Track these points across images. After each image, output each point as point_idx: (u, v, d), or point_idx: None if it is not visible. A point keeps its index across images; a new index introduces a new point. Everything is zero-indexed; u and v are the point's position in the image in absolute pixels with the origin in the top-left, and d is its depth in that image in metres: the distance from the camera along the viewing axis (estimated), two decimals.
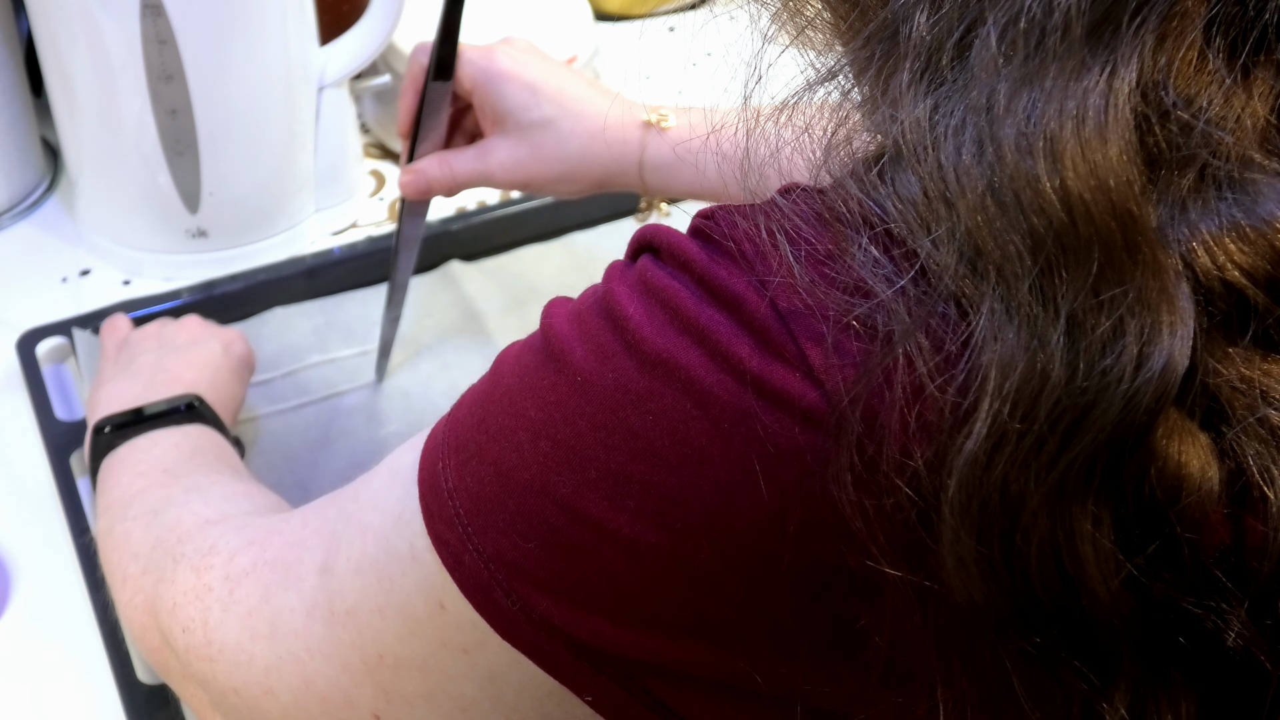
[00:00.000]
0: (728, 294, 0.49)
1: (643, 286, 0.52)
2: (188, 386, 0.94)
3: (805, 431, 0.47)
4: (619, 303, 0.52)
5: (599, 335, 0.52)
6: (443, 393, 1.06)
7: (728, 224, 0.51)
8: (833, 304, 0.47)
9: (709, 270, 0.50)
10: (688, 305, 0.50)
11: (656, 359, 0.50)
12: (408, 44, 1.23)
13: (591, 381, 0.51)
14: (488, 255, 1.16)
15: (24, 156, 1.21)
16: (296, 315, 1.11)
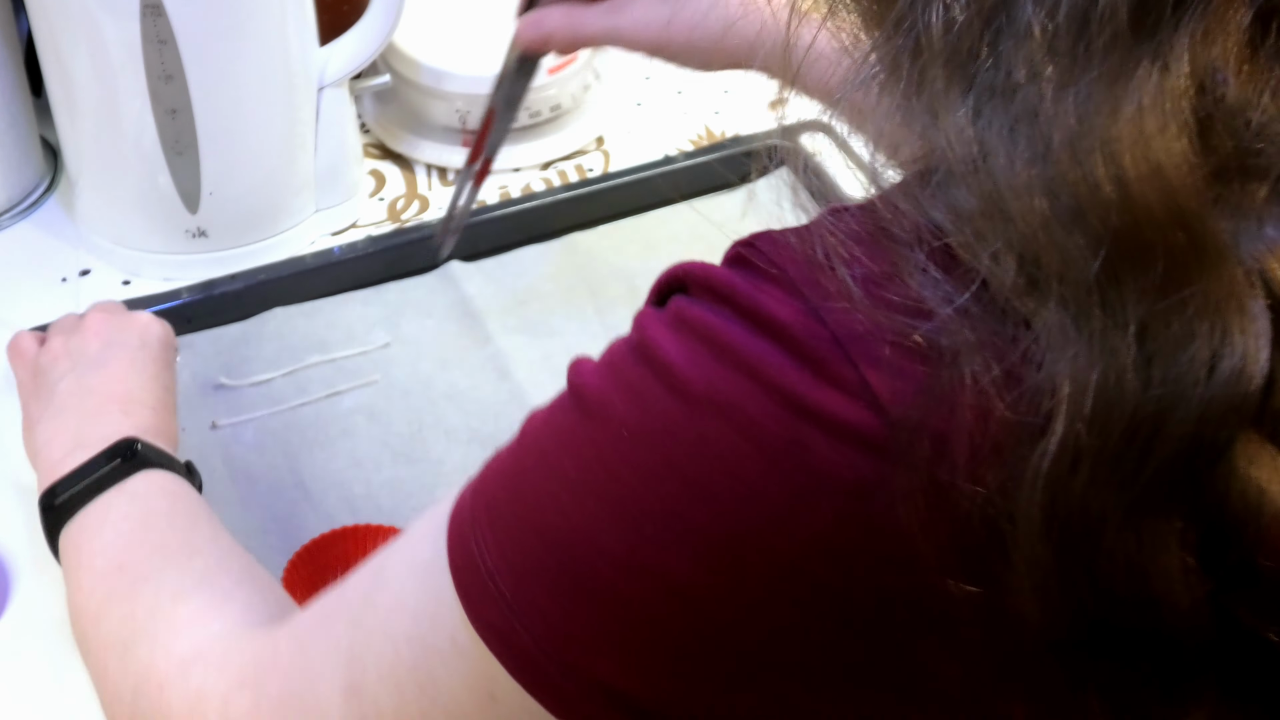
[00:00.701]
0: (776, 323, 0.48)
1: (681, 325, 0.50)
2: (119, 402, 0.88)
3: (866, 459, 0.46)
4: (656, 346, 0.50)
5: (638, 383, 0.50)
6: (443, 393, 1.06)
7: (772, 250, 0.50)
8: (892, 326, 0.46)
9: (754, 299, 0.49)
10: (733, 338, 0.48)
11: (704, 398, 0.48)
12: (408, 44, 1.23)
13: (635, 431, 0.50)
14: (488, 255, 1.16)
15: (24, 156, 1.21)
16: (296, 315, 1.11)
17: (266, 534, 0.97)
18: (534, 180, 1.24)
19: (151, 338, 0.93)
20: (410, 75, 1.23)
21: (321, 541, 0.92)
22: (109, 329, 0.94)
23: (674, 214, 1.19)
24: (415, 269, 1.15)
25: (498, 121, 0.95)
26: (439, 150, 1.24)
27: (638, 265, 1.15)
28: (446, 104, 1.23)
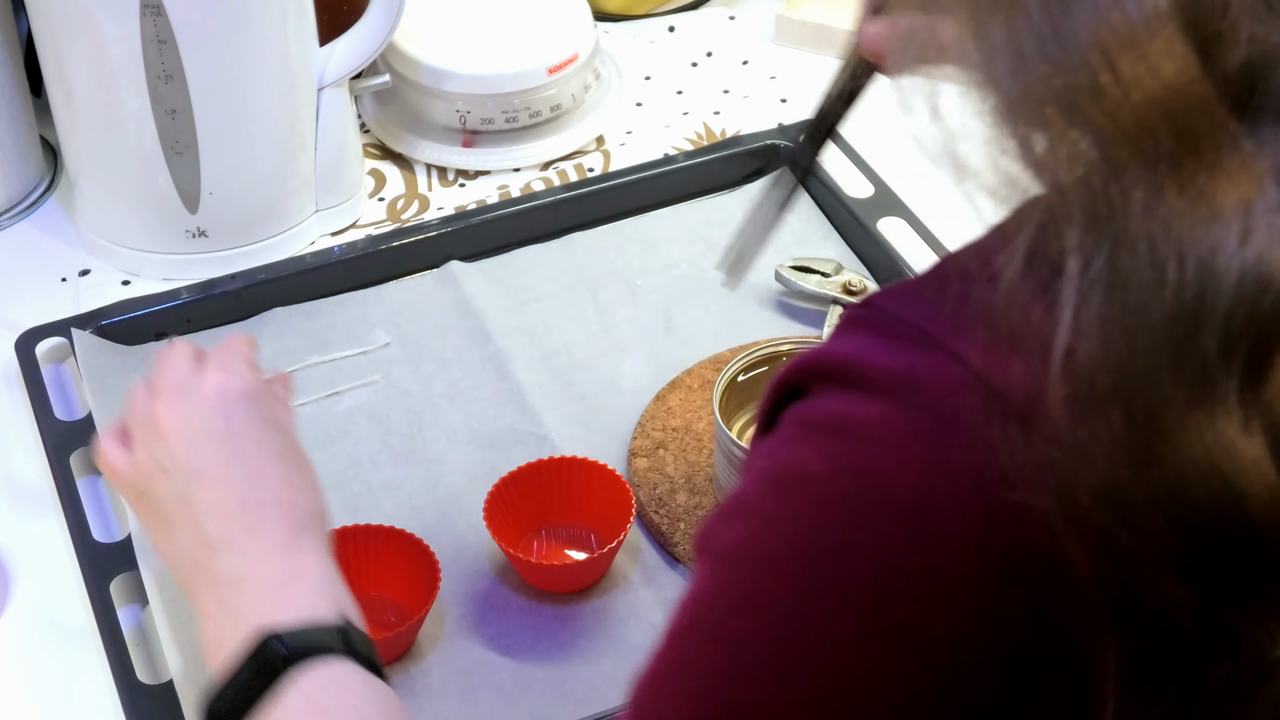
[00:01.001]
0: (950, 400, 0.49)
1: (808, 430, 0.51)
2: (237, 519, 0.75)
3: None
4: (789, 467, 0.51)
5: (789, 513, 0.51)
6: (442, 393, 1.06)
7: (893, 303, 0.51)
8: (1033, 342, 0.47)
9: (921, 372, 0.50)
10: (875, 417, 0.49)
11: (903, 509, 0.49)
12: (408, 44, 1.23)
13: (803, 565, 0.50)
14: (488, 255, 1.16)
15: (23, 156, 1.21)
16: (296, 315, 1.11)
17: None
18: (534, 180, 1.24)
19: (233, 408, 0.79)
20: (410, 75, 1.23)
21: None
22: (184, 419, 0.78)
23: (674, 214, 1.19)
24: (415, 269, 1.15)
25: (806, 147, 0.89)
26: (439, 150, 1.24)
27: (638, 265, 1.15)
28: (446, 104, 1.23)
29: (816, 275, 1.11)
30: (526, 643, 0.91)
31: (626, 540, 0.93)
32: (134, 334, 1.09)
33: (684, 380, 1.05)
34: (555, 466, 0.96)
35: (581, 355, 1.08)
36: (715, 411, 0.95)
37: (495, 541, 0.92)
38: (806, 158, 0.90)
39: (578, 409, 1.05)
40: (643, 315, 1.11)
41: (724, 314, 1.11)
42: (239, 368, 0.81)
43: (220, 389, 0.79)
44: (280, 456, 0.78)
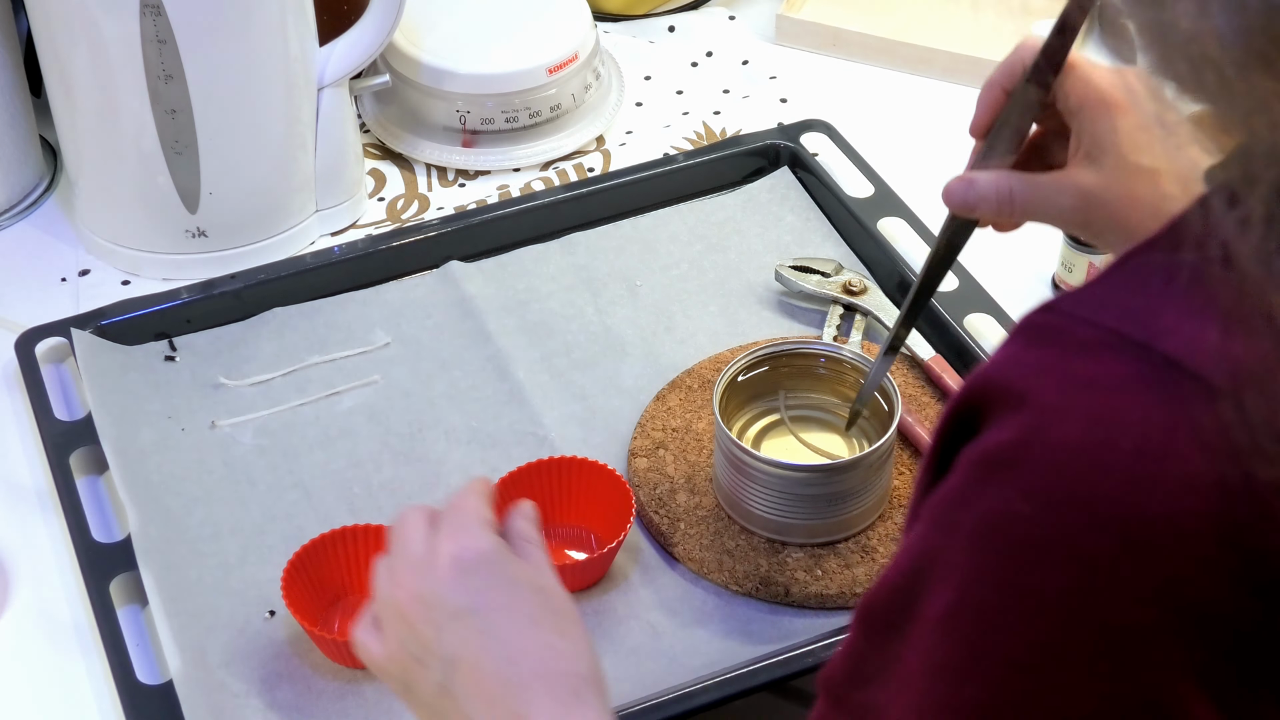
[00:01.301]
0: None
1: (1001, 469, 0.49)
2: (501, 706, 0.70)
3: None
4: (1009, 516, 0.48)
5: (1025, 579, 0.48)
6: (442, 393, 1.06)
7: (1080, 306, 0.49)
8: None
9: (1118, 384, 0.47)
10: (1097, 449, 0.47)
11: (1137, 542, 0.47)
12: (408, 44, 1.23)
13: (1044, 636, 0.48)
14: (488, 255, 1.15)
15: (23, 156, 1.21)
16: (296, 315, 1.11)
17: (266, 534, 0.97)
18: (534, 180, 1.24)
19: (475, 581, 0.73)
20: (410, 75, 1.23)
21: (321, 541, 0.92)
22: (426, 605, 0.73)
23: (674, 214, 1.19)
24: (415, 269, 1.15)
25: (921, 285, 0.89)
26: (439, 150, 1.24)
27: (638, 265, 1.15)
28: (446, 104, 1.23)
29: (816, 275, 1.11)
30: None
31: (626, 540, 0.93)
32: (134, 334, 1.09)
33: (684, 380, 1.05)
34: (555, 466, 0.96)
35: (581, 355, 1.08)
36: (715, 411, 0.95)
37: None
38: (902, 333, 0.91)
39: (578, 409, 1.05)
40: (643, 315, 1.11)
41: (724, 314, 1.11)
42: (471, 527, 0.75)
43: (455, 560, 0.73)
44: (534, 620, 0.72)
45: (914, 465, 0.99)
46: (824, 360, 1.00)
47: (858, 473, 0.93)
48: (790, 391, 1.01)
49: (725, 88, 1.33)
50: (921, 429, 1.00)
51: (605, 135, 1.28)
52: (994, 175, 0.83)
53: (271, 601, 0.92)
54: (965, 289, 1.09)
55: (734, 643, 0.91)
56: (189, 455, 1.02)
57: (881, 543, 0.95)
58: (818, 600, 0.93)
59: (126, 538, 0.95)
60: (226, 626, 0.92)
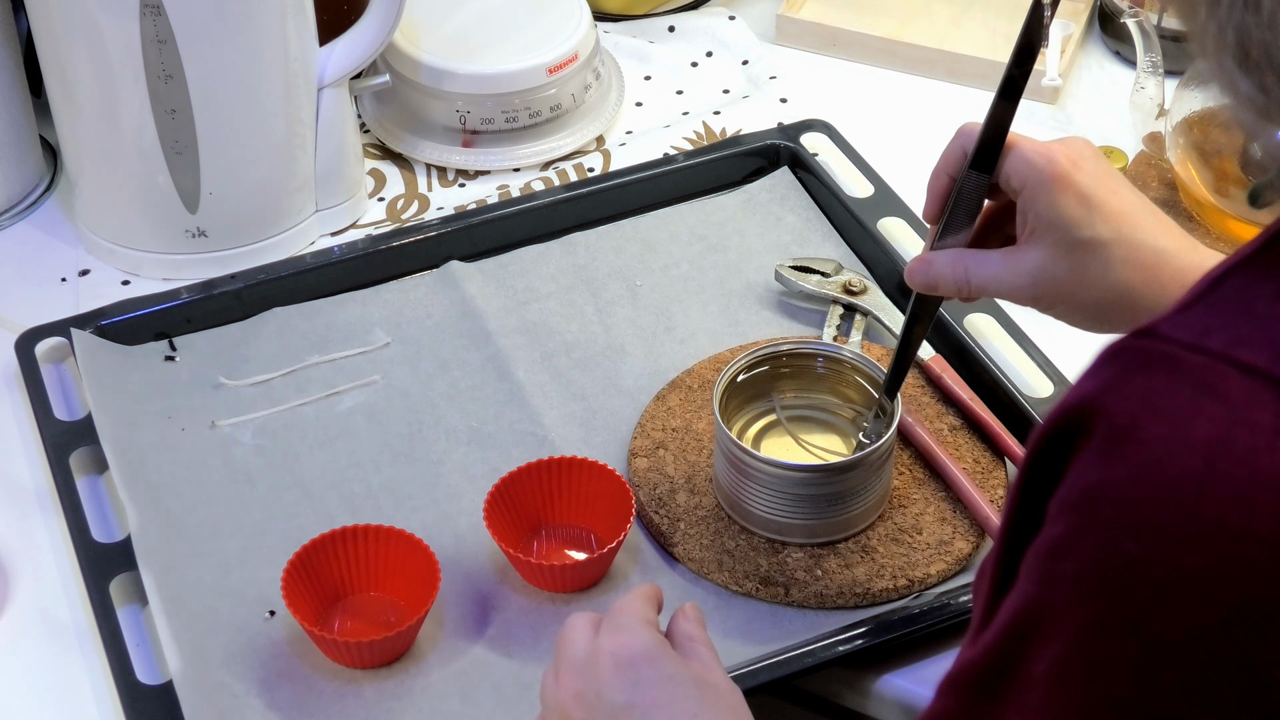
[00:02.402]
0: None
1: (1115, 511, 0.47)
2: None
3: None
4: (1122, 559, 0.46)
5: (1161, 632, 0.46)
6: (443, 393, 1.06)
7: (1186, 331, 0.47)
8: None
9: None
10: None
11: None
12: (408, 44, 1.23)
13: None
14: (488, 255, 1.15)
15: (23, 156, 1.21)
16: (296, 315, 1.11)
17: (266, 534, 0.97)
18: (534, 180, 1.24)
19: (636, 679, 0.74)
20: (410, 75, 1.23)
21: (321, 541, 0.92)
22: (588, 703, 0.75)
23: (674, 214, 1.19)
24: (415, 269, 1.15)
25: (902, 350, 0.93)
26: (439, 150, 1.24)
27: (638, 265, 1.15)
28: (446, 104, 1.23)
29: (816, 275, 1.11)
30: (526, 643, 0.91)
31: (626, 540, 0.93)
32: (134, 334, 1.09)
33: (684, 380, 1.05)
34: (555, 466, 0.96)
35: (581, 355, 1.08)
36: (715, 411, 0.95)
37: (495, 541, 0.92)
38: (890, 397, 0.93)
39: (578, 409, 1.05)
40: (643, 315, 1.11)
41: (724, 314, 1.11)
42: (631, 626, 0.76)
43: (614, 658, 0.75)
44: (693, 716, 0.73)
45: (914, 465, 0.99)
46: (824, 360, 1.00)
47: (858, 473, 0.93)
48: (790, 392, 1.00)
49: (725, 88, 1.33)
50: (922, 429, 1.00)
51: (605, 135, 1.28)
52: (951, 256, 0.86)
53: (271, 601, 0.92)
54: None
55: (734, 643, 0.91)
56: (189, 455, 1.02)
57: (881, 543, 0.95)
58: (818, 600, 0.93)
59: (126, 538, 0.95)
60: (226, 626, 0.92)
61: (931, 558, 0.94)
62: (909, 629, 0.90)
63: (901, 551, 0.95)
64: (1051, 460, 0.49)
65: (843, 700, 0.93)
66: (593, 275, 1.14)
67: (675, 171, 1.20)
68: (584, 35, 1.25)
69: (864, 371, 0.98)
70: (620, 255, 1.15)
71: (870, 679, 0.91)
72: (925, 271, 0.87)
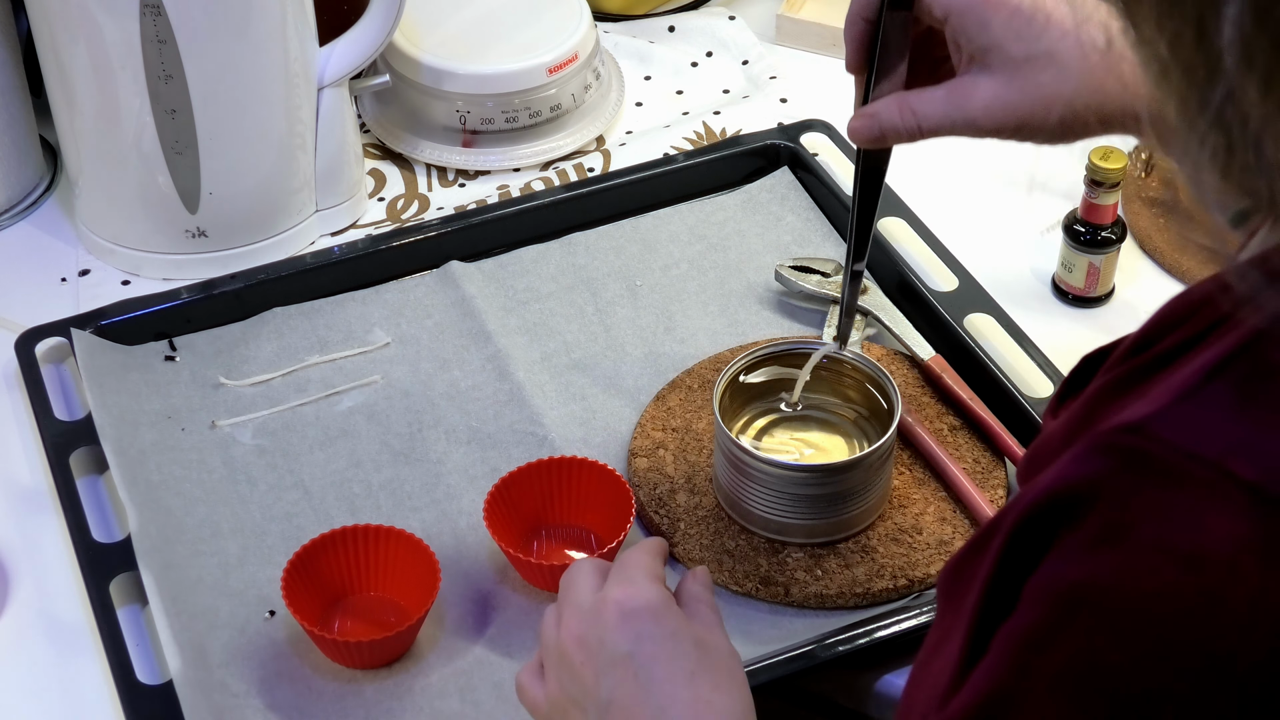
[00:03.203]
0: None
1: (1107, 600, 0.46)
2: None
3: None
4: (1099, 667, 0.45)
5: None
6: (442, 393, 1.06)
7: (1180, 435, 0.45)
8: None
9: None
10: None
11: None
12: (408, 44, 1.23)
13: None
14: (488, 255, 1.16)
15: (23, 156, 1.21)
16: (296, 315, 1.11)
17: (266, 534, 0.97)
18: (534, 180, 1.24)
19: (640, 628, 0.74)
20: (410, 75, 1.23)
21: (321, 541, 0.92)
22: (589, 648, 0.75)
23: (674, 214, 1.19)
24: (415, 269, 1.15)
25: (860, 212, 0.89)
26: (439, 150, 1.24)
27: (638, 265, 1.15)
28: (446, 104, 1.23)
29: (816, 275, 1.11)
30: (526, 643, 0.91)
31: (626, 540, 0.93)
32: (134, 334, 1.09)
33: (684, 380, 1.05)
34: (555, 466, 0.96)
35: (581, 355, 1.08)
36: (715, 411, 0.95)
37: (495, 541, 0.92)
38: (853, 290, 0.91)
39: (578, 409, 1.05)
40: (643, 315, 1.11)
41: (724, 314, 1.11)
42: (640, 580, 0.77)
43: (621, 608, 0.75)
44: (691, 674, 0.73)
45: (914, 465, 0.99)
46: (824, 360, 1.00)
47: (858, 473, 0.93)
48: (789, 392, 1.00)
49: (725, 88, 1.33)
50: (922, 429, 1.00)
51: (605, 135, 1.28)
52: (894, 102, 0.81)
53: (271, 601, 0.92)
54: (965, 289, 1.09)
55: (734, 643, 0.90)
56: (189, 455, 1.02)
57: (881, 543, 0.95)
58: (818, 600, 0.93)
59: (126, 538, 0.95)
60: (226, 626, 0.92)
61: (931, 558, 0.94)
62: (909, 629, 0.90)
63: (901, 551, 0.95)
64: (1031, 538, 0.48)
65: (843, 700, 0.93)
66: (593, 275, 1.14)
67: (675, 171, 1.20)
68: (584, 35, 1.25)
69: (864, 371, 0.98)
70: (620, 255, 1.15)
71: (870, 679, 0.91)
72: (870, 125, 0.82)
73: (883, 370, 0.97)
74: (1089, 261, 1.10)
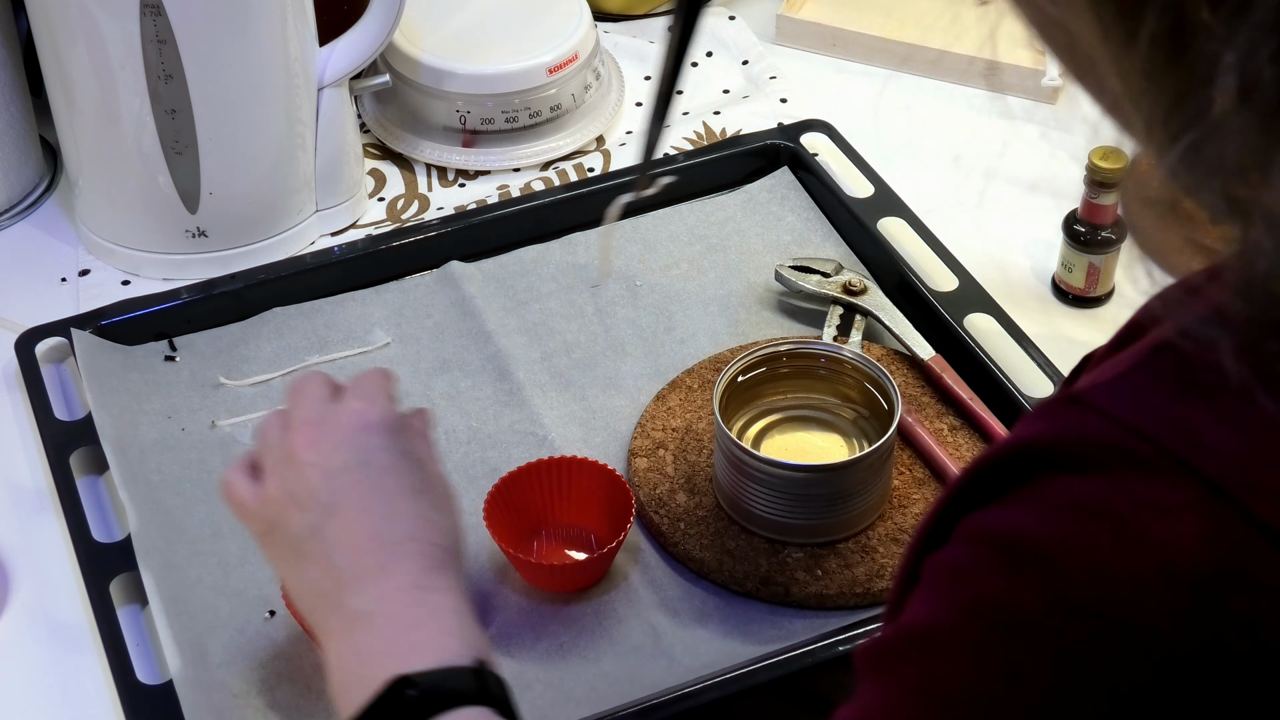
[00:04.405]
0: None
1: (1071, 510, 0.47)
2: (372, 554, 0.74)
3: None
4: (1015, 612, 0.47)
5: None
6: (442, 393, 1.06)
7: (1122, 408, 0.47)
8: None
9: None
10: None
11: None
12: (408, 44, 1.23)
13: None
14: (488, 255, 1.16)
15: (23, 156, 1.21)
16: (296, 315, 1.11)
17: None
18: (534, 180, 1.24)
19: (372, 440, 0.77)
20: (410, 75, 1.23)
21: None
22: (321, 452, 0.77)
23: (674, 214, 1.19)
24: (415, 269, 1.15)
25: (653, 120, 0.89)
26: (439, 150, 1.24)
27: (638, 265, 1.15)
28: (446, 104, 1.23)
29: (816, 275, 1.11)
30: (526, 643, 0.91)
31: (626, 540, 0.93)
32: (134, 334, 1.09)
33: (684, 380, 1.05)
34: (555, 466, 0.96)
35: (581, 355, 1.08)
36: (715, 411, 0.95)
37: (495, 541, 0.92)
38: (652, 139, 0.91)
39: (578, 409, 1.05)
40: (643, 315, 1.11)
41: (724, 314, 1.11)
42: (379, 398, 0.79)
43: (360, 419, 0.77)
44: (417, 492, 0.76)
45: (914, 465, 0.99)
46: (824, 360, 1.00)
47: (858, 473, 0.93)
48: (790, 392, 1.00)
49: (725, 88, 1.33)
50: (921, 429, 1.00)
51: (605, 135, 1.28)
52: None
53: (271, 601, 0.92)
54: (965, 289, 1.09)
55: (734, 643, 0.91)
56: (189, 455, 1.02)
57: (881, 543, 0.95)
58: (817, 600, 0.93)
59: (126, 538, 0.95)
60: (226, 626, 0.92)
61: None
62: None
63: (901, 551, 0.95)
64: (983, 485, 0.50)
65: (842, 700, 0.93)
66: (593, 275, 1.14)
67: (675, 171, 1.20)
68: (584, 35, 1.25)
69: (864, 371, 0.98)
70: (620, 255, 1.15)
71: None
72: None
73: (883, 370, 0.97)
74: (1089, 261, 1.10)
